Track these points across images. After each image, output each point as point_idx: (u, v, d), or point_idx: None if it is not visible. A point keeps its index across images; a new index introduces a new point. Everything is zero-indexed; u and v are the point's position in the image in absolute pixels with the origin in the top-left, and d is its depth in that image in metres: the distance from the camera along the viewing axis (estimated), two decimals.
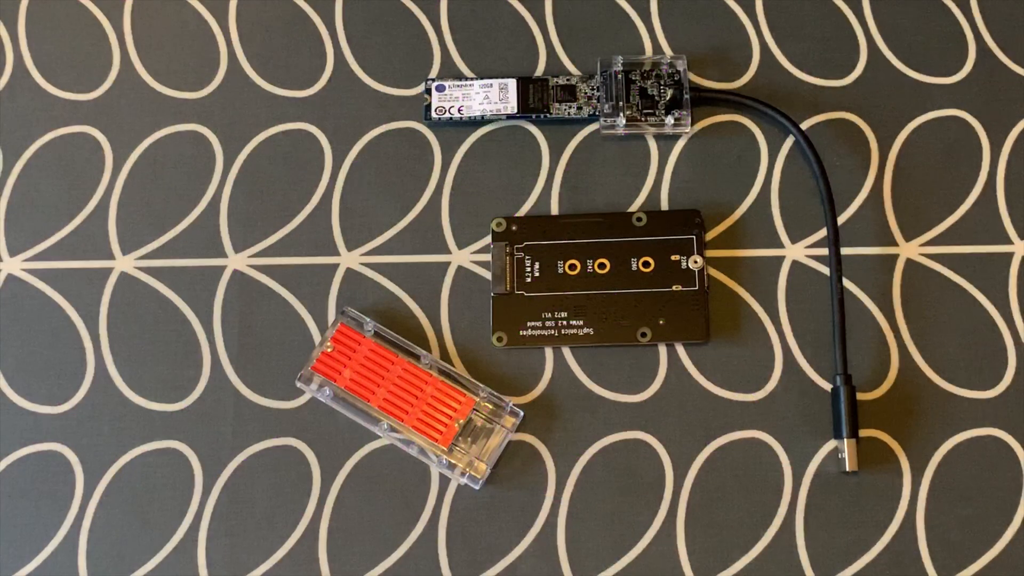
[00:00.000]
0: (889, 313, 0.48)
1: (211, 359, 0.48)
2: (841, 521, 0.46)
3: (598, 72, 0.51)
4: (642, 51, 0.52)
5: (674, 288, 0.48)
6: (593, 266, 0.49)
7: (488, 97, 0.50)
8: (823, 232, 0.49)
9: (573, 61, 0.52)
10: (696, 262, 0.48)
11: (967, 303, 0.49)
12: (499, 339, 0.48)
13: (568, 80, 0.51)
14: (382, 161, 0.51)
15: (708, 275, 0.48)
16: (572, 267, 0.49)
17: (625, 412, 0.47)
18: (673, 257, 0.49)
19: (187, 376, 0.48)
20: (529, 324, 0.48)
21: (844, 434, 0.46)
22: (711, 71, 0.52)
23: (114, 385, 0.48)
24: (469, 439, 0.46)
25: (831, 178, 0.49)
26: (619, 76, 0.50)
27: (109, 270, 0.49)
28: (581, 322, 0.48)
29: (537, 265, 0.49)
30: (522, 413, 0.47)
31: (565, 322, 0.48)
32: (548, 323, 0.48)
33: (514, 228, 0.49)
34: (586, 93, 0.50)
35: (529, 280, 0.49)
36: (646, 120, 0.50)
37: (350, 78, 0.52)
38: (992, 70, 0.52)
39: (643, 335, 0.48)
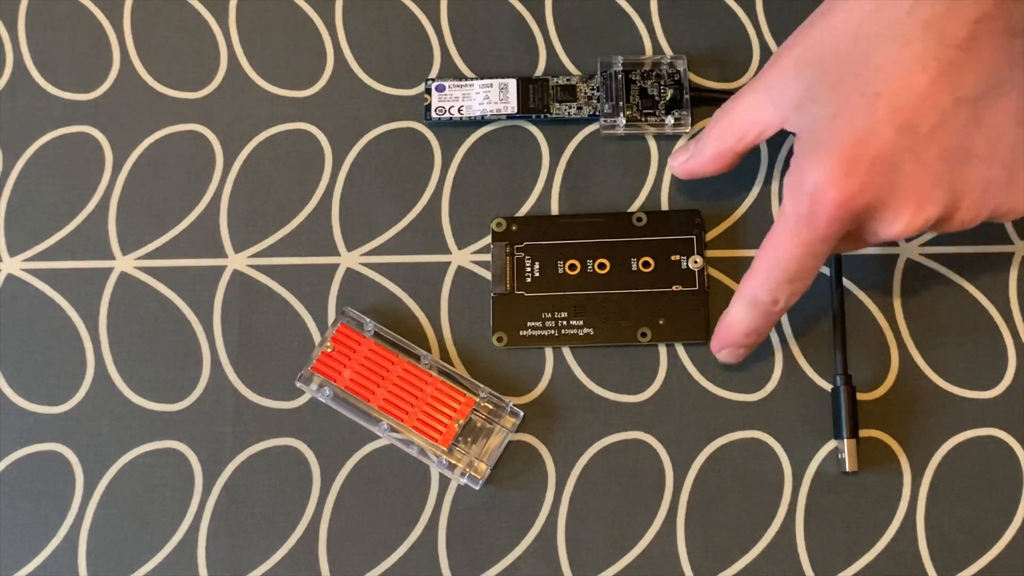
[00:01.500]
0: (889, 313, 0.48)
1: (211, 359, 0.48)
2: (841, 521, 0.46)
3: (598, 72, 0.51)
4: (642, 51, 0.52)
5: (674, 288, 0.48)
6: (593, 266, 0.49)
7: (488, 97, 0.50)
8: None
9: (573, 61, 0.52)
10: (696, 262, 0.48)
11: (967, 303, 0.49)
12: (499, 339, 0.48)
13: (568, 80, 0.51)
14: (382, 161, 0.51)
15: (708, 275, 0.48)
16: (572, 267, 0.49)
17: (625, 412, 0.47)
18: (673, 257, 0.49)
19: (187, 376, 0.48)
20: (529, 324, 0.48)
21: (844, 434, 0.46)
22: (711, 71, 0.52)
23: (114, 385, 0.48)
24: (469, 439, 0.46)
25: None
26: (619, 76, 0.50)
27: (109, 270, 0.49)
28: (581, 322, 0.48)
29: (537, 265, 0.49)
30: (522, 413, 0.47)
31: (565, 322, 0.48)
32: (548, 323, 0.48)
33: (514, 228, 0.49)
34: (586, 93, 0.50)
35: (529, 280, 0.49)
36: (646, 120, 0.50)
37: (350, 78, 0.52)
38: None
39: (643, 335, 0.48)
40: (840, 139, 0.40)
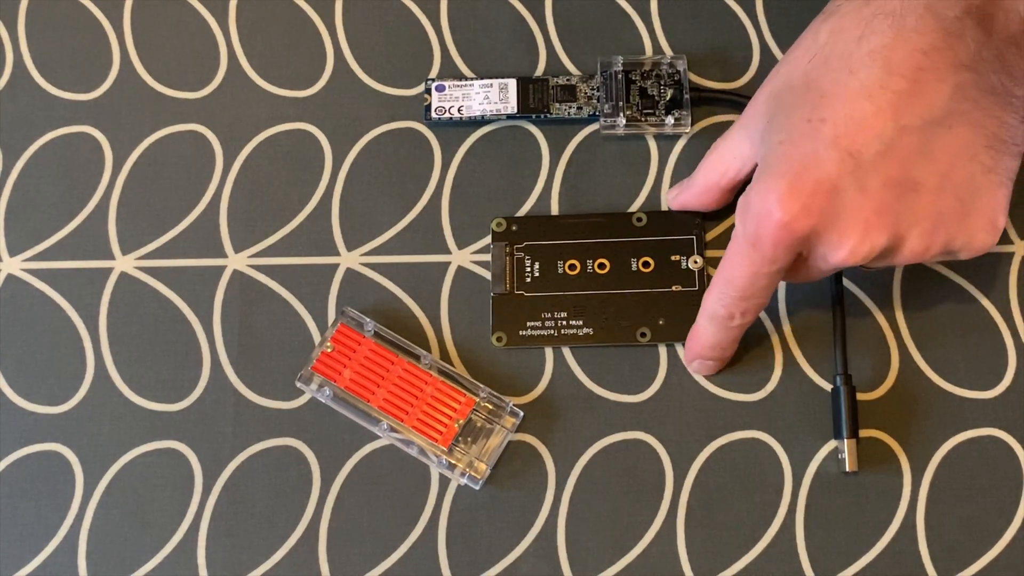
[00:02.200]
0: (889, 313, 0.48)
1: (211, 359, 0.48)
2: (841, 521, 0.46)
3: (598, 72, 0.51)
4: (642, 51, 0.52)
5: (674, 288, 0.48)
6: (593, 266, 0.49)
7: (488, 97, 0.50)
8: None
9: (573, 61, 0.52)
10: (696, 262, 0.48)
11: (967, 303, 0.48)
12: (499, 339, 0.48)
13: (568, 80, 0.51)
14: (382, 161, 0.51)
15: (708, 275, 0.48)
16: (572, 267, 0.49)
17: (625, 412, 0.47)
18: (673, 257, 0.49)
19: (187, 376, 0.48)
20: (529, 324, 0.48)
21: (844, 434, 0.46)
22: (711, 71, 0.52)
23: (114, 385, 0.48)
24: (469, 439, 0.46)
25: None
26: (619, 76, 0.50)
27: (109, 270, 0.49)
28: (580, 322, 0.48)
29: (537, 265, 0.49)
30: (522, 413, 0.47)
31: (564, 322, 0.48)
32: (548, 323, 0.48)
33: (514, 228, 0.49)
34: (586, 93, 0.50)
35: (529, 280, 0.48)
36: (646, 120, 0.50)
37: (350, 78, 0.52)
38: None
39: (642, 335, 0.48)
40: (785, 163, 0.40)
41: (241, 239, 0.50)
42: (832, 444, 0.47)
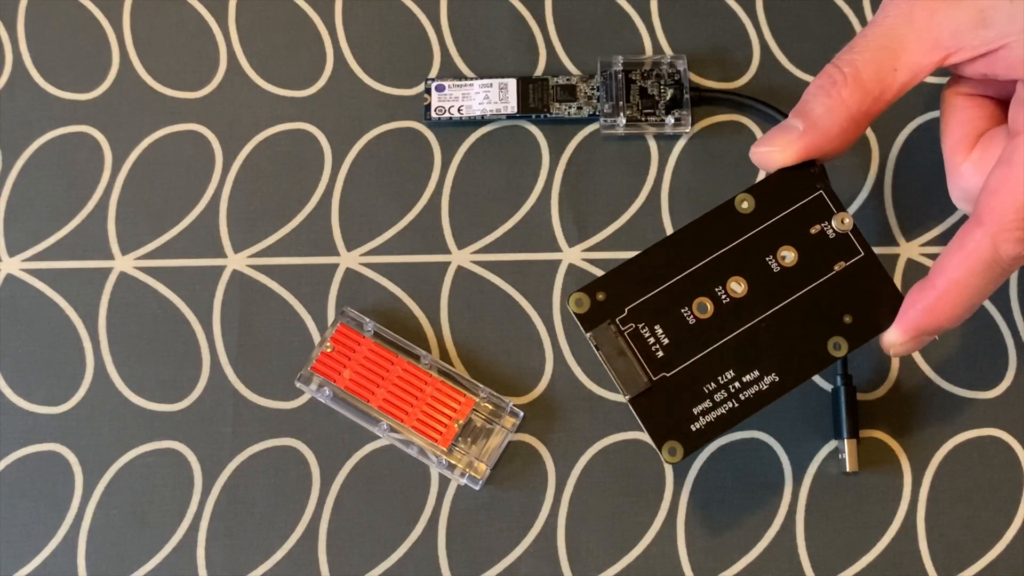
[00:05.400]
0: None
1: (211, 359, 0.48)
2: (841, 521, 0.46)
3: (598, 72, 0.51)
4: (642, 51, 0.52)
5: (837, 268, 0.38)
6: (727, 292, 0.38)
7: (488, 97, 0.50)
8: None
9: (573, 61, 0.52)
10: (844, 221, 0.38)
11: None
12: (671, 451, 0.38)
13: (568, 80, 0.51)
14: (382, 161, 0.51)
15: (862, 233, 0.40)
16: (702, 308, 0.38)
17: (625, 412, 0.47)
18: (812, 230, 0.38)
19: (187, 376, 0.48)
20: (696, 412, 0.38)
21: (844, 434, 0.46)
22: (711, 71, 0.52)
23: (113, 385, 0.48)
24: (469, 439, 0.46)
25: (831, 178, 0.49)
26: (619, 76, 0.50)
27: (109, 270, 0.49)
28: (756, 372, 0.38)
29: (660, 330, 0.38)
30: (522, 413, 0.47)
31: (737, 383, 0.38)
32: (719, 396, 0.38)
33: (601, 297, 0.38)
34: (586, 93, 0.50)
35: (661, 355, 0.38)
36: (646, 120, 0.50)
37: (350, 78, 0.52)
38: None
39: (837, 348, 0.38)
40: None
41: (241, 239, 0.50)
42: (832, 444, 0.47)
